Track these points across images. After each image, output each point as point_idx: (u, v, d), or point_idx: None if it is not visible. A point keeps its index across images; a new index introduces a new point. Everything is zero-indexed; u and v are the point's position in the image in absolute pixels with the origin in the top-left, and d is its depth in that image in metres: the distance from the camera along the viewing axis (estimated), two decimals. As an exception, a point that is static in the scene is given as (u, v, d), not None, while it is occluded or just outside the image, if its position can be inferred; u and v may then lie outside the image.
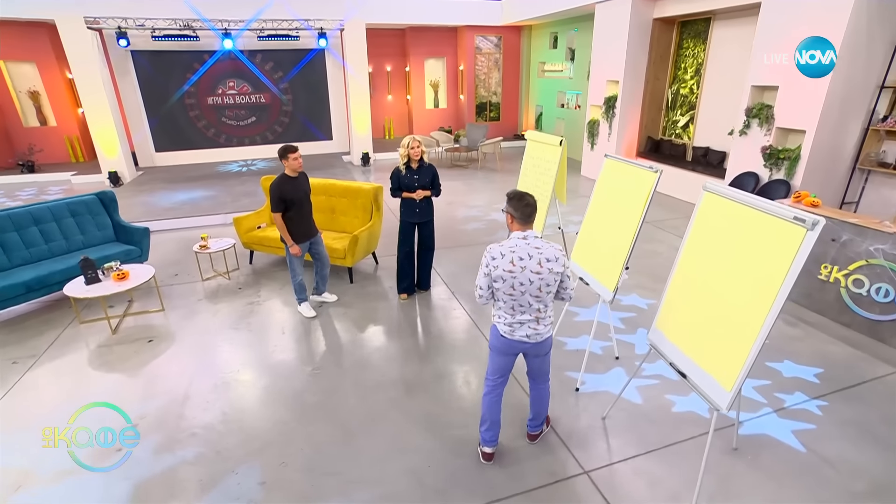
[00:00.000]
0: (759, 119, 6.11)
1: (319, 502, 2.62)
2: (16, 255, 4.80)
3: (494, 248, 2.42)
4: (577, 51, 11.27)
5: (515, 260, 2.36)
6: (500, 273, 2.38)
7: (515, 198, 2.43)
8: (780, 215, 2.04)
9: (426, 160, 4.47)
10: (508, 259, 2.36)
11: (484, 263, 2.44)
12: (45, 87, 11.38)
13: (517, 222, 2.43)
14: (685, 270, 2.62)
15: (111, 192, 5.56)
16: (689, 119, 8.49)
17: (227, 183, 9.51)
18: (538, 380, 2.80)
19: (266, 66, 11.56)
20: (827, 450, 2.91)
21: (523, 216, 2.40)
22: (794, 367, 3.70)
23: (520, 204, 2.40)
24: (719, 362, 2.31)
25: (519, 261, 2.35)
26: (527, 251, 2.36)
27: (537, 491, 2.67)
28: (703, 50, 8.01)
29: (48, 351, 4.10)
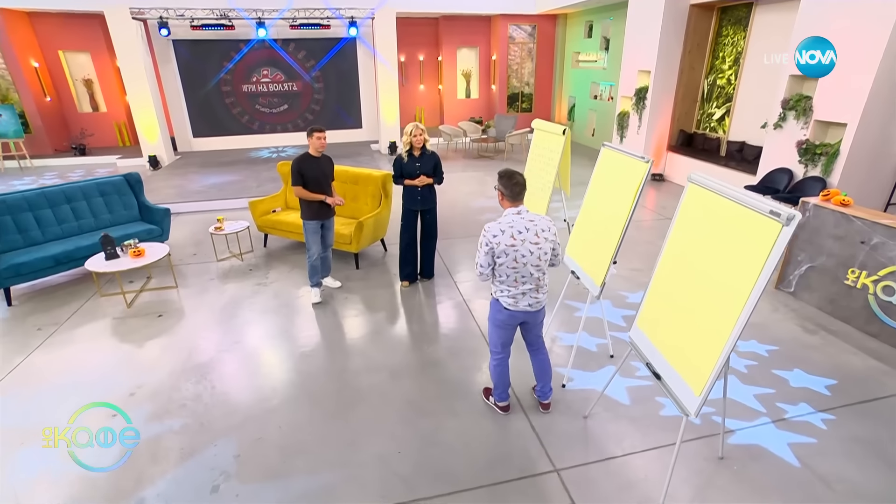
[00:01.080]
0: (796, 111, 5.68)
1: (286, 478, 2.67)
2: (49, 231, 5.14)
3: (493, 227, 2.54)
4: (612, 40, 10.85)
5: (515, 234, 2.50)
6: (502, 248, 2.50)
7: (506, 176, 2.57)
8: (757, 209, 1.88)
9: (428, 148, 4.44)
10: (509, 234, 2.50)
11: (484, 242, 2.54)
12: (97, 76, 12.09)
13: (507, 199, 2.58)
14: (667, 266, 2.48)
15: (137, 173, 5.84)
16: (726, 112, 8.01)
17: (256, 168, 9.81)
18: (537, 346, 2.98)
19: (298, 55, 11.79)
20: (825, 466, 2.70)
21: (513, 194, 2.56)
22: (805, 377, 3.45)
23: (509, 182, 2.55)
24: (691, 365, 2.17)
25: (518, 234, 2.50)
26: (523, 224, 2.52)
27: (502, 485, 2.62)
28: (744, 37, 7.52)
29: (69, 320, 4.38)
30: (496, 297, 2.72)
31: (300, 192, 4.25)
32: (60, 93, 11.95)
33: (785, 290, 4.62)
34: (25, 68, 10.95)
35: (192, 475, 2.71)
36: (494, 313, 2.78)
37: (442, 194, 8.31)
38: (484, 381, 3.44)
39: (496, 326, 2.81)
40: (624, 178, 3.02)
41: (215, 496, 2.58)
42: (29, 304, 4.66)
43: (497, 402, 3.09)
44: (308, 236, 4.42)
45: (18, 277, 4.61)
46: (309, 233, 4.40)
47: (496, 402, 3.10)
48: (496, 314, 2.77)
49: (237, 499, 2.56)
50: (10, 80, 10.99)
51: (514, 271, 2.57)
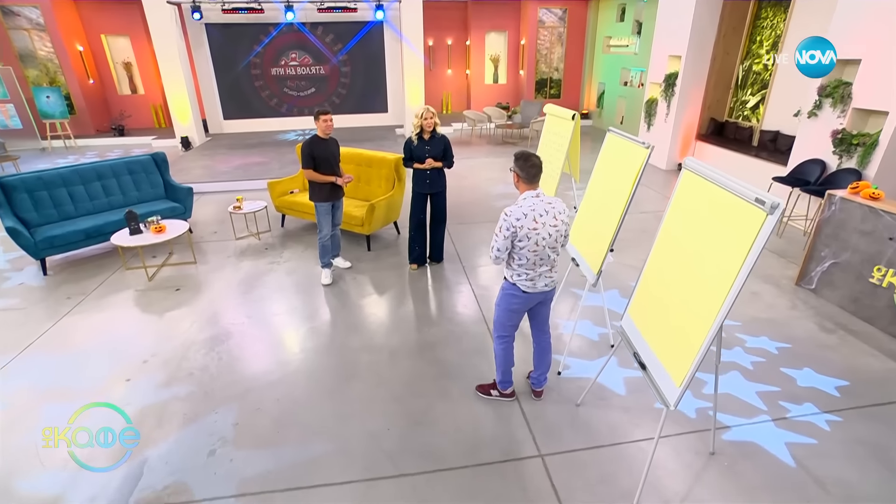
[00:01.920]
0: (833, 98, 5.35)
1: (279, 447, 2.79)
2: (81, 206, 5.43)
3: (515, 210, 2.50)
4: (645, 24, 10.44)
5: (536, 217, 2.49)
6: (525, 232, 2.48)
7: (522, 158, 2.54)
8: (743, 196, 1.81)
9: (439, 132, 4.43)
10: (531, 218, 2.48)
11: (505, 226, 2.50)
12: (136, 59, 12.56)
13: (523, 182, 2.56)
14: (659, 255, 2.42)
15: (163, 153, 6.08)
16: (761, 99, 7.62)
17: (281, 150, 10.02)
18: (544, 329, 2.96)
19: (326, 38, 11.88)
20: (822, 468, 2.61)
21: (529, 176, 2.54)
22: (814, 377, 3.31)
23: (526, 164, 2.52)
24: (674, 356, 2.13)
25: (539, 217, 2.49)
26: (543, 207, 2.51)
27: (485, 467, 2.65)
28: (784, 20, 7.10)
29: (96, 290, 4.64)
30: (512, 281, 2.69)
31: (311, 174, 4.34)
32: (102, 75, 12.49)
33: (806, 287, 4.42)
34: (71, 52, 11.49)
35: (192, 439, 2.86)
36: (508, 297, 2.74)
37: (462, 179, 8.32)
38: (482, 366, 3.47)
39: (509, 311, 2.78)
40: (624, 164, 2.93)
41: (211, 459, 2.71)
42: (62, 275, 4.96)
43: (502, 390, 3.06)
44: (320, 217, 4.51)
45: (53, 249, 4.90)
46: (321, 214, 4.50)
47: (501, 391, 3.07)
48: (511, 298, 2.73)
49: (231, 463, 2.69)
50: (57, 64, 11.55)
51: (534, 254, 2.55)
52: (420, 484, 2.55)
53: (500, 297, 2.80)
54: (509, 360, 2.97)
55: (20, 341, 3.82)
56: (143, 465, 2.69)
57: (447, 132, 12.42)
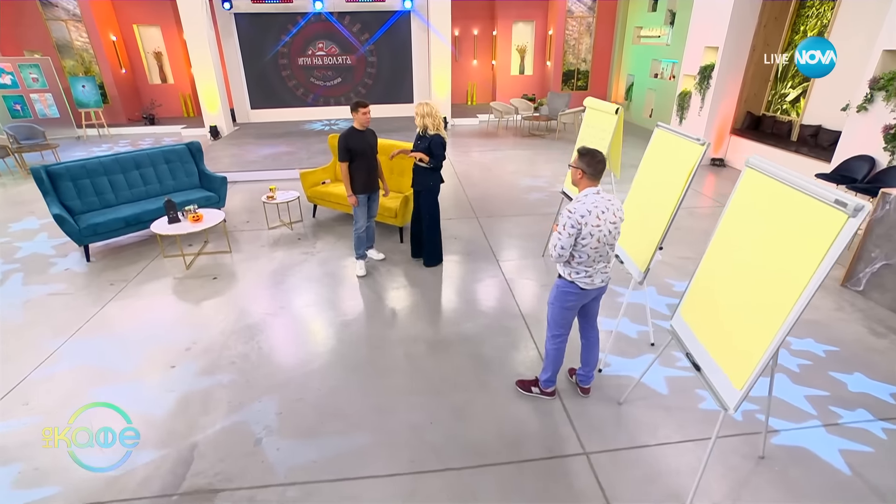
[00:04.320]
0: (887, 92, 5.13)
1: (322, 438, 2.82)
2: (121, 195, 5.56)
3: (580, 207, 2.46)
4: (679, 13, 10.15)
5: (599, 214, 2.46)
6: (588, 230, 2.46)
7: (588, 154, 2.50)
8: (821, 197, 1.74)
9: (430, 133, 4.26)
10: (595, 215, 2.46)
11: (570, 224, 2.46)
12: (166, 49, 12.74)
13: (587, 178, 2.51)
14: (716, 255, 2.35)
15: (198, 142, 6.16)
16: (802, 92, 7.35)
17: (308, 140, 10.08)
18: (594, 324, 2.96)
19: (353, 28, 11.86)
20: (881, 478, 2.53)
21: (595, 172, 2.49)
22: (866, 382, 3.21)
23: (592, 160, 2.48)
24: (734, 358, 2.08)
25: (602, 214, 2.47)
26: (605, 205, 2.48)
27: (529, 463, 2.64)
28: (831, 8, 6.81)
29: (137, 277, 4.75)
30: (570, 278, 2.65)
31: (344, 170, 4.34)
32: (134, 65, 12.71)
33: (853, 289, 4.28)
34: (105, 42, 11.70)
35: (238, 427, 2.91)
36: (564, 295, 2.71)
37: (487, 171, 8.26)
38: (520, 361, 3.45)
39: (565, 308, 2.76)
40: (676, 160, 2.86)
41: (258, 448, 2.76)
42: (103, 262, 5.09)
43: (544, 388, 3.06)
44: (356, 208, 4.53)
45: (96, 236, 5.03)
46: (358, 205, 4.51)
47: (543, 389, 3.06)
48: (567, 296, 2.71)
49: (278, 452, 2.73)
50: (92, 54, 11.79)
51: (595, 251, 2.54)
52: (466, 478, 2.56)
53: (554, 295, 2.76)
54: (560, 359, 2.95)
55: (70, 325, 3.94)
56: (193, 450, 2.75)
57: (471, 123, 12.32)
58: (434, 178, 4.46)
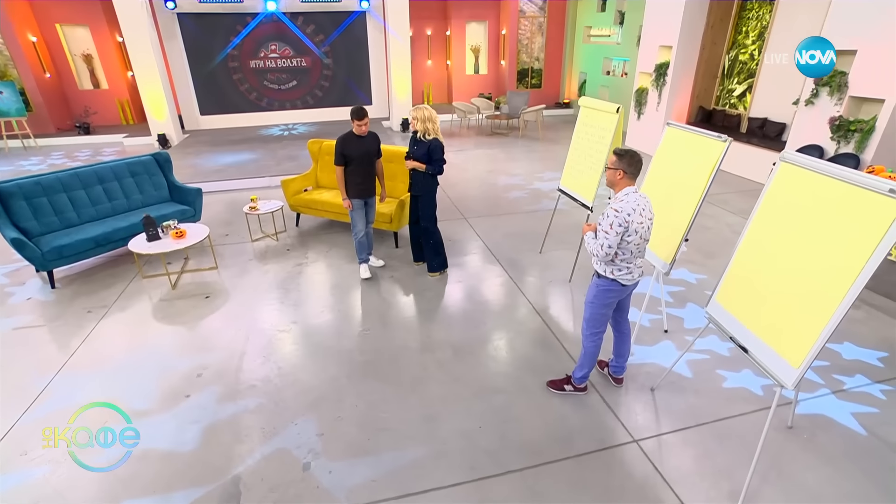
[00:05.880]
0: (831, 87, 5.69)
1: (374, 455, 2.74)
2: (84, 213, 5.07)
3: (625, 206, 2.54)
4: (628, 14, 10.68)
5: (641, 212, 2.56)
6: (635, 227, 2.54)
7: (628, 155, 2.59)
8: (874, 188, 1.91)
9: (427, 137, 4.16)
10: (638, 212, 2.55)
11: (617, 223, 2.53)
12: (97, 51, 11.72)
13: (628, 177, 2.60)
14: (754, 244, 2.52)
15: (166, 153, 5.75)
16: (747, 88, 7.99)
17: (270, 147, 9.66)
18: (626, 316, 3.06)
19: (307, 29, 11.48)
20: (892, 435, 2.82)
21: (636, 171, 2.60)
22: (856, 350, 3.56)
23: (633, 160, 2.58)
24: (788, 338, 2.24)
25: (643, 212, 2.57)
26: (643, 202, 2.59)
27: (586, 456, 2.71)
28: (770, 11, 7.44)
29: (117, 302, 4.36)
30: (612, 276, 2.72)
31: (339, 174, 4.30)
32: (60, 69, 11.59)
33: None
34: (24, 43, 10.58)
35: (280, 454, 2.76)
36: (605, 293, 2.78)
37: (463, 172, 8.30)
38: (548, 359, 3.52)
39: (605, 305, 2.83)
40: (696, 156, 3.03)
41: (308, 473, 2.64)
42: (72, 287, 4.63)
43: (578, 385, 3.13)
44: (353, 214, 4.43)
45: (61, 260, 4.56)
46: (354, 210, 4.41)
47: (577, 385, 3.13)
48: (607, 294, 2.77)
49: (331, 475, 2.62)
50: (8, 56, 10.62)
51: (637, 247, 2.64)
52: (529, 479, 2.58)
53: (594, 294, 2.82)
54: (598, 355, 3.03)
55: (53, 361, 3.57)
56: (237, 483, 2.59)
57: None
58: (435, 182, 4.43)
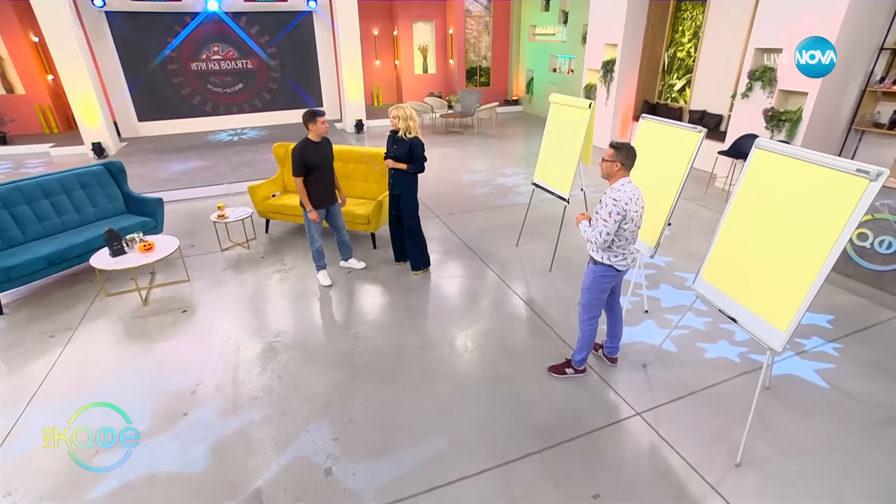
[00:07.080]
0: (763, 82, 6.28)
1: (395, 453, 2.76)
2: (29, 230, 4.64)
3: (623, 196, 2.70)
4: (571, 13, 11.16)
5: (637, 200, 2.74)
6: (631, 215, 2.72)
7: (624, 148, 2.75)
8: (843, 169, 2.19)
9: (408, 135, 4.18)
10: (634, 201, 2.72)
11: (616, 211, 2.70)
12: (8, 52, 10.65)
13: (624, 169, 2.77)
14: (735, 225, 2.79)
15: (119, 161, 5.37)
16: (686, 83, 8.62)
17: (222, 153, 9.23)
18: (618, 299, 3.24)
19: (252, 30, 11.04)
20: (848, 385, 3.21)
21: (632, 163, 2.78)
22: (808, 315, 3.98)
23: (630, 153, 2.75)
24: (773, 306, 2.51)
25: (637, 201, 2.75)
26: (637, 192, 2.77)
27: (598, 432, 2.88)
28: (702, 12, 8.07)
29: (83, 324, 4.06)
30: (609, 263, 2.89)
31: (300, 186, 4.07)
32: (-34, 73, 10.43)
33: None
34: (-79, 45, 9.44)
35: (298, 462, 2.72)
36: (602, 279, 2.95)
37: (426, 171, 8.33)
38: (545, 345, 3.67)
39: (602, 291, 3.00)
40: (673, 147, 3.28)
41: (332, 478, 2.62)
42: (23, 311, 4.25)
43: (578, 367, 3.29)
44: (310, 225, 4.27)
45: (10, 283, 4.16)
46: (308, 222, 4.26)
47: (577, 367, 3.29)
48: (604, 280, 2.95)
49: (355, 477, 2.62)
50: None
51: (632, 234, 2.83)
52: (549, 459, 2.71)
53: (591, 280, 2.99)
54: (595, 338, 3.21)
55: (20, 391, 3.27)
56: (259, 497, 2.52)
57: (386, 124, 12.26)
58: (416, 180, 4.46)
